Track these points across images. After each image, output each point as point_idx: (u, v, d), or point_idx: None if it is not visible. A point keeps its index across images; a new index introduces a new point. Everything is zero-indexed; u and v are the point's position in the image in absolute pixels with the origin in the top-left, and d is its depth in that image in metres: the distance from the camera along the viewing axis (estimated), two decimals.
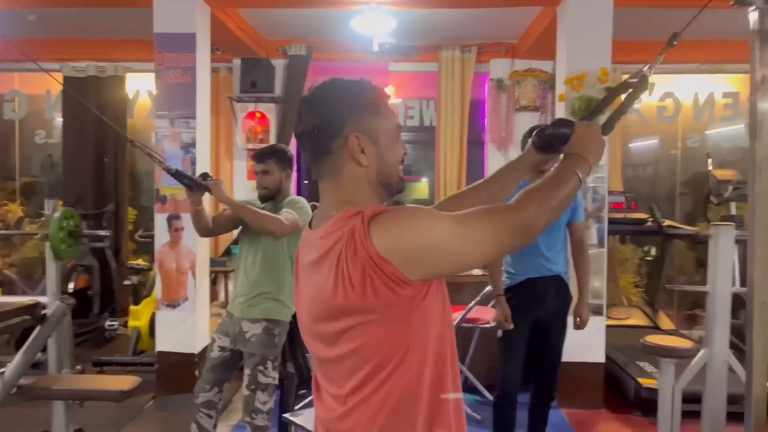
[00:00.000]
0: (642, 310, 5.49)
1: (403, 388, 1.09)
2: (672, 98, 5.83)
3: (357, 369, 1.11)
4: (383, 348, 1.09)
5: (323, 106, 1.16)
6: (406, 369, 1.09)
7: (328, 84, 1.20)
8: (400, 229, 1.05)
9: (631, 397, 3.94)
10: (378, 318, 1.07)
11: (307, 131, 1.17)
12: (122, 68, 5.86)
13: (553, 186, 1.18)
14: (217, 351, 2.72)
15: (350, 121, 1.15)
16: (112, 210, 5.72)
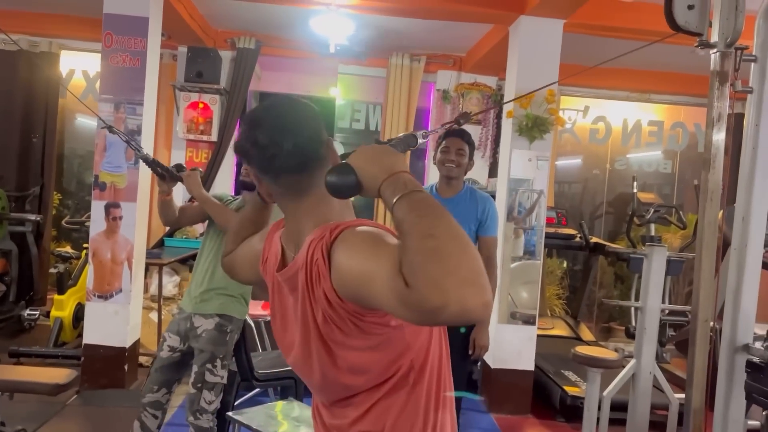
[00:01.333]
0: (565, 321, 5.76)
1: (411, 389, 1.12)
2: (603, 122, 6.16)
3: (361, 384, 1.13)
4: (385, 363, 1.11)
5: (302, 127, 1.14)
6: (412, 372, 1.12)
7: (296, 104, 1.19)
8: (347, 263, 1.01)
9: (556, 404, 4.13)
10: (374, 342, 1.09)
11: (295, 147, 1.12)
12: (57, 45, 5.57)
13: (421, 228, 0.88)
14: (167, 351, 2.64)
15: (322, 128, 1.18)
16: (36, 193, 5.42)
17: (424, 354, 1.14)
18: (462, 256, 0.85)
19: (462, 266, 0.84)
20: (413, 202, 0.93)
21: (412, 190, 0.94)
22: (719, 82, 1.82)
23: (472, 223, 2.85)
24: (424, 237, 0.87)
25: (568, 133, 6.16)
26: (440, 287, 0.82)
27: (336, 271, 1.03)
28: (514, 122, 4.10)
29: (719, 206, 1.82)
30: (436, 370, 1.17)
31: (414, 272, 0.85)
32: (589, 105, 6.12)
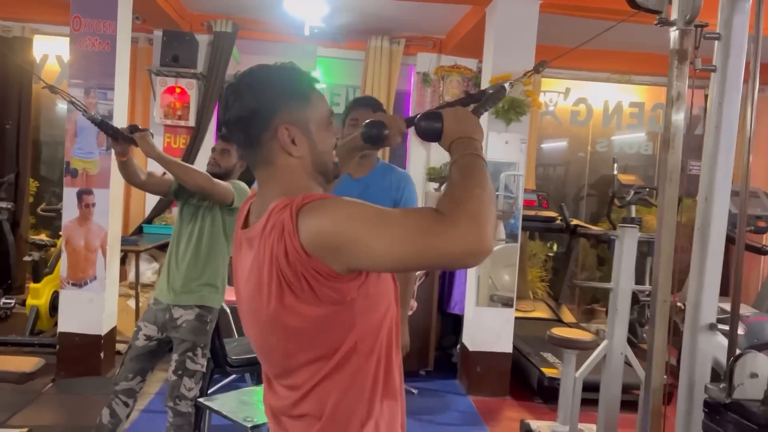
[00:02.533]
0: (546, 304, 5.79)
1: (354, 372, 1.11)
2: (585, 104, 6.14)
3: (307, 359, 1.12)
4: (332, 337, 1.10)
5: (251, 96, 1.13)
6: (357, 351, 1.11)
7: (256, 71, 1.16)
8: (322, 224, 1.03)
9: (534, 386, 4.16)
10: (321, 312, 1.08)
11: (234, 121, 1.14)
12: (30, 29, 5.47)
13: (473, 180, 1.07)
14: (143, 340, 2.62)
15: (280, 112, 1.12)
16: (11, 181, 5.35)
17: (371, 339, 1.13)
18: (492, 213, 1.05)
19: (491, 220, 1.04)
20: (475, 162, 1.12)
21: (479, 155, 1.14)
22: (678, 60, 1.80)
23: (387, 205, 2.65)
24: (475, 186, 1.05)
25: (550, 115, 6.14)
26: (482, 227, 1.00)
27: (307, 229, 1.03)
28: None
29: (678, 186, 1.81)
30: (384, 359, 1.15)
31: (459, 206, 1.02)
32: (570, 87, 6.10)
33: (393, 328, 1.19)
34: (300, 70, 1.18)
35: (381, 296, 1.15)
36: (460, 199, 1.03)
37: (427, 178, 5.64)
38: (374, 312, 1.13)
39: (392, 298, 1.20)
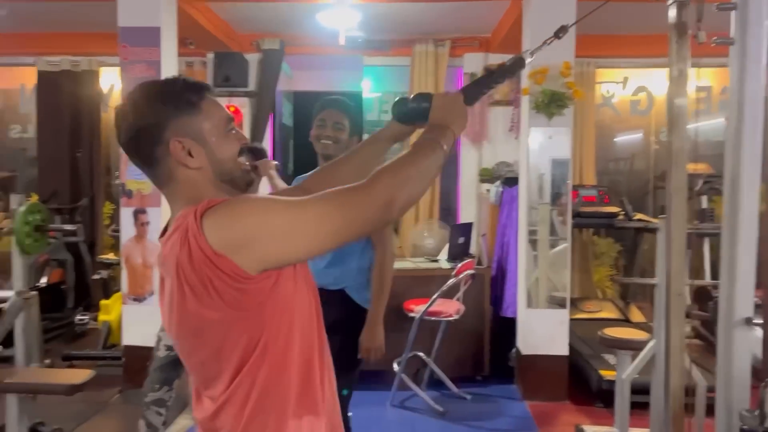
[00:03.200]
0: (614, 304, 5.53)
1: (266, 380, 1.09)
2: (645, 92, 5.84)
3: (221, 368, 1.10)
4: (240, 344, 1.08)
5: (135, 114, 1.11)
6: (267, 361, 1.08)
7: (138, 89, 1.15)
8: (230, 221, 1.02)
9: (593, 389, 3.97)
10: (228, 317, 1.06)
11: (125, 143, 1.13)
12: (96, 62, 5.84)
13: (412, 157, 1.13)
14: (164, 350, 2.73)
15: (168, 126, 1.10)
16: (86, 204, 5.72)
17: (282, 349, 1.10)
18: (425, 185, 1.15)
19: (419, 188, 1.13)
20: (429, 148, 1.16)
21: (439, 144, 1.17)
22: (678, 35, 1.68)
23: None
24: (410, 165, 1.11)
25: (607, 106, 5.88)
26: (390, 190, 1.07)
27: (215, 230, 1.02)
28: (531, 99, 3.95)
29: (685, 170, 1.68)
30: (301, 371, 1.12)
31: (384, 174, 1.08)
32: (628, 76, 5.82)
33: (313, 341, 1.15)
34: (187, 80, 1.15)
35: (293, 304, 1.11)
36: (390, 170, 1.09)
37: (479, 179, 5.54)
38: (285, 320, 1.10)
39: (310, 307, 1.16)
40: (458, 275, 3.85)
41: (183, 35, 4.97)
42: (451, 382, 4.13)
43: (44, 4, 4.65)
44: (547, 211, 4.07)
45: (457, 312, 3.95)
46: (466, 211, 5.63)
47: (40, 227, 4.15)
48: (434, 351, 4.15)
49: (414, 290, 4.17)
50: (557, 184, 4.06)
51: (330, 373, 1.19)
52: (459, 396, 4.06)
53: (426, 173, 1.13)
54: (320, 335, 1.18)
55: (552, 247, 4.12)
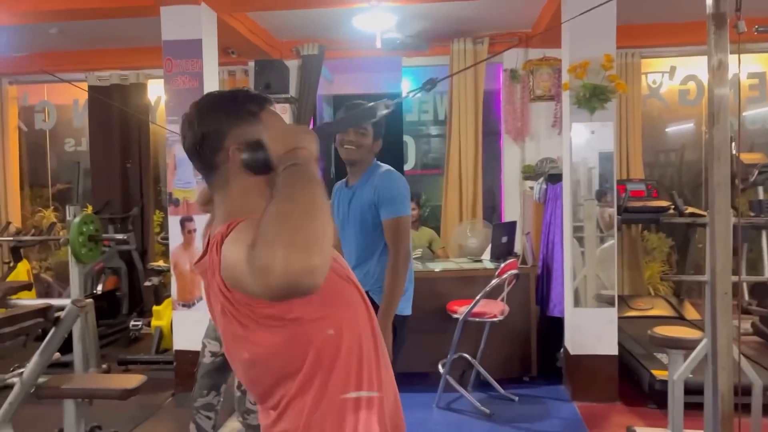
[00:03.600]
0: (667, 301, 5.36)
1: (320, 386, 1.11)
2: (694, 81, 5.65)
3: (272, 383, 1.13)
4: (289, 358, 1.10)
5: (201, 122, 1.16)
6: (320, 369, 1.11)
7: (203, 99, 1.20)
8: (227, 254, 1.03)
9: (645, 390, 3.86)
10: (270, 336, 1.08)
11: (189, 149, 1.18)
12: (144, 75, 6.03)
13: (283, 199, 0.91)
14: (209, 356, 2.78)
15: (230, 134, 1.14)
16: (136, 213, 5.91)
17: (333, 352, 1.12)
18: (305, 221, 0.87)
19: (301, 230, 0.86)
20: (291, 173, 0.98)
21: (295, 163, 0.99)
22: (716, 26, 1.62)
23: (370, 209, 2.40)
24: (280, 201, 0.91)
25: (654, 97, 5.72)
26: (272, 246, 0.85)
27: (222, 261, 1.05)
28: (571, 94, 3.87)
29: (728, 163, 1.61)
30: (354, 368, 1.13)
31: (258, 234, 0.89)
32: (675, 65, 5.64)
33: (367, 339, 1.17)
34: (250, 92, 1.20)
35: (336, 307, 1.13)
36: (261, 225, 0.90)
37: (522, 177, 5.46)
38: (331, 325, 1.11)
39: (356, 307, 1.18)
40: (501, 275, 3.80)
41: (225, 45, 5.09)
42: (498, 384, 4.08)
43: (91, 23, 4.82)
44: (592, 207, 3.98)
45: (501, 313, 3.90)
46: (510, 210, 5.57)
47: (93, 237, 4.31)
48: (480, 352, 4.11)
49: (458, 291, 4.15)
50: (602, 179, 3.97)
51: (388, 369, 1.20)
52: (506, 397, 4.01)
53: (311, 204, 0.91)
54: (373, 329, 1.19)
55: (599, 244, 4.03)
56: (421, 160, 6.06)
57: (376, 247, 2.41)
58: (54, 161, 6.56)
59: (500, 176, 5.72)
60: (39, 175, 6.57)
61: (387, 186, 2.39)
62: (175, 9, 4.10)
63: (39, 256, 6.50)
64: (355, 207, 2.47)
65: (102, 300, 5.55)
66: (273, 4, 4.42)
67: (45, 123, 6.43)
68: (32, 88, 6.33)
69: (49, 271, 6.49)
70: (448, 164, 5.51)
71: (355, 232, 2.47)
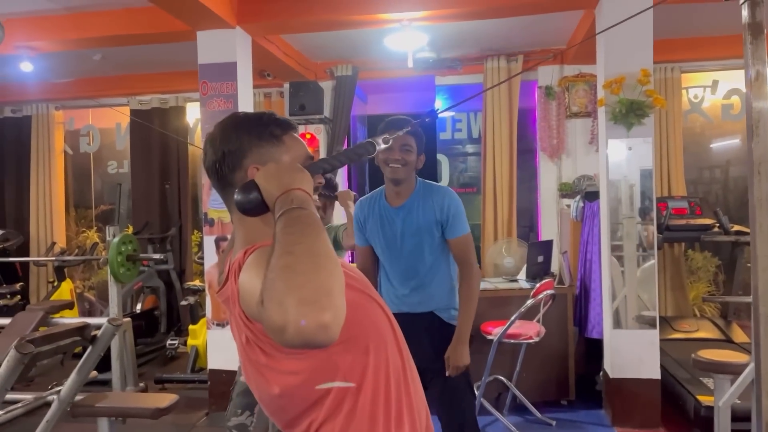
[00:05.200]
0: (713, 323, 5.15)
1: (348, 414, 1.08)
2: (738, 95, 5.48)
3: (299, 411, 1.11)
4: (314, 385, 1.08)
5: (223, 140, 1.16)
6: (346, 396, 1.08)
7: (228, 119, 1.21)
8: (244, 284, 1.03)
9: (690, 416, 3.69)
10: (295, 365, 1.07)
11: (209, 166, 1.18)
12: (183, 99, 6.17)
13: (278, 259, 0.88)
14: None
15: (250, 154, 1.14)
16: (174, 234, 6.01)
17: (359, 378, 1.09)
18: (311, 275, 0.85)
19: (308, 284, 0.84)
20: (289, 219, 0.95)
21: (292, 207, 0.96)
22: (752, 36, 1.55)
23: (433, 228, 2.38)
24: (283, 254, 0.88)
25: (696, 112, 5.56)
26: (282, 305, 0.83)
27: (240, 291, 1.04)
28: (607, 110, 3.79)
29: None
30: (383, 390, 1.11)
31: (265, 289, 0.86)
32: (717, 79, 5.48)
33: (395, 361, 1.14)
34: (274, 115, 1.20)
35: (362, 333, 1.10)
36: (266, 280, 0.87)
37: (559, 195, 5.36)
38: (356, 350, 1.09)
39: (380, 324, 1.15)
40: (536, 296, 3.71)
41: (260, 67, 5.17)
42: (534, 407, 3.97)
43: (132, 49, 4.97)
44: (632, 225, 3.87)
45: (537, 334, 3.81)
46: (547, 228, 5.46)
47: (131, 257, 4.40)
48: (515, 374, 4.01)
49: (492, 312, 4.06)
50: (641, 197, 3.86)
51: (419, 393, 1.17)
52: (543, 422, 3.90)
53: (315, 249, 0.88)
54: (399, 345, 1.16)
55: (639, 263, 3.91)
56: (457, 179, 6.02)
57: (439, 267, 2.42)
58: (98, 183, 6.75)
59: (537, 195, 5.63)
60: (83, 196, 6.77)
61: (455, 204, 2.39)
62: (210, 33, 4.19)
63: (83, 275, 6.66)
64: (411, 227, 2.39)
65: (141, 319, 5.64)
66: (306, 27, 4.47)
67: (89, 146, 6.64)
68: (78, 113, 6.55)
69: (91, 290, 6.64)
70: (485, 183, 5.45)
71: (413, 253, 2.41)
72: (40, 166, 6.35)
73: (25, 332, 3.65)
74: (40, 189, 6.36)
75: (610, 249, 3.89)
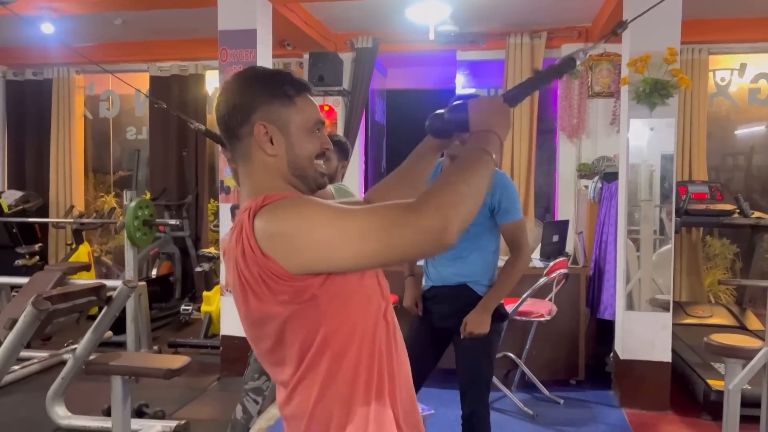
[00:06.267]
0: (728, 309, 5.10)
1: (329, 370, 1.10)
2: (766, 79, 5.35)
3: (284, 357, 1.13)
4: (300, 335, 1.10)
5: (235, 93, 1.17)
6: (329, 352, 1.10)
7: (244, 72, 1.21)
8: (277, 225, 1.04)
9: (700, 400, 3.68)
10: (284, 311, 1.08)
11: (219, 116, 1.19)
12: (202, 66, 6.16)
13: (460, 173, 1.07)
14: None
15: (260, 110, 1.15)
16: (191, 201, 6.05)
17: (344, 339, 1.11)
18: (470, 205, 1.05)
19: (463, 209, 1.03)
20: (479, 159, 1.10)
21: (487, 151, 1.11)
22: None
23: (482, 212, 2.39)
24: (460, 181, 1.05)
25: (722, 96, 5.44)
26: (443, 212, 1.01)
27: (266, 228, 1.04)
28: (630, 89, 3.72)
29: None
30: (366, 361, 1.12)
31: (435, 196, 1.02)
32: (745, 62, 5.35)
33: (381, 331, 1.15)
34: (290, 74, 1.20)
35: (353, 295, 1.11)
36: (440, 190, 1.03)
37: (577, 175, 5.30)
38: (345, 311, 1.10)
39: (375, 298, 1.15)
40: (549, 274, 3.70)
41: (280, 37, 5.14)
42: (543, 386, 3.97)
43: (153, 13, 4.95)
44: (650, 208, 3.82)
45: (548, 312, 3.80)
46: (564, 209, 5.42)
47: (147, 221, 4.44)
48: (525, 352, 4.01)
49: None
50: (661, 180, 3.80)
51: (403, 365, 1.19)
52: (551, 399, 3.91)
53: (477, 187, 1.07)
54: (388, 323, 1.17)
55: (656, 247, 3.87)
56: None
57: (476, 243, 2.45)
58: (117, 149, 6.79)
59: (555, 175, 5.57)
60: (102, 162, 6.82)
61: (508, 190, 2.43)
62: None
63: (100, 240, 6.74)
64: None
65: (156, 284, 5.71)
66: None
67: (109, 111, 6.67)
68: (98, 78, 6.56)
69: (108, 254, 6.73)
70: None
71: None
72: (60, 130, 6.40)
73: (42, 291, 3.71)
74: (60, 153, 6.41)
75: (627, 231, 3.86)
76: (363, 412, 1.11)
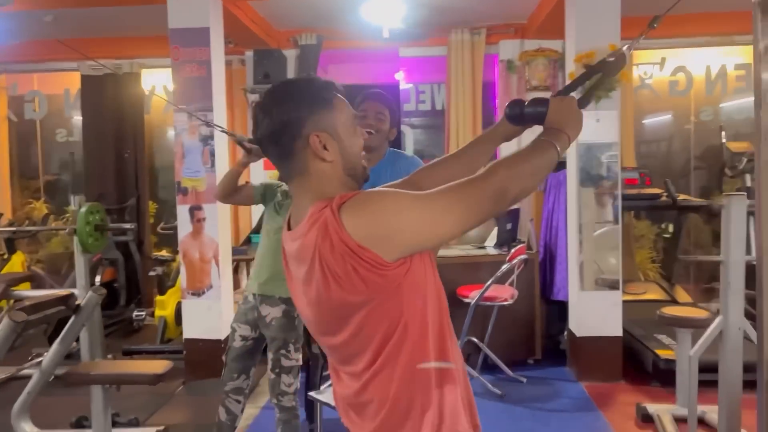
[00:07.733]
0: (659, 285, 5.53)
1: (408, 358, 1.16)
2: (684, 72, 5.81)
3: (363, 348, 1.18)
4: (382, 326, 1.15)
5: (278, 110, 1.19)
6: (408, 340, 1.15)
7: (279, 87, 1.23)
8: (371, 214, 1.10)
9: (649, 369, 4.00)
10: (371, 301, 1.13)
11: (267, 136, 1.20)
12: (138, 65, 5.96)
13: (526, 154, 1.22)
14: (240, 340, 2.79)
15: (308, 121, 1.18)
16: (133, 204, 5.85)
17: (420, 325, 1.17)
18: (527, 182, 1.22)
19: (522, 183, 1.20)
20: (548, 151, 1.25)
21: (554, 146, 1.26)
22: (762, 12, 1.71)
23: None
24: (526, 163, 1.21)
25: (646, 88, 5.87)
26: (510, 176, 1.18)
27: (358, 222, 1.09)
28: None
29: None
30: (437, 344, 1.19)
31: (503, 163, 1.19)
32: (665, 56, 5.79)
33: (442, 315, 1.22)
34: (320, 79, 1.25)
35: (423, 283, 1.18)
36: (508, 161, 1.20)
37: None
38: (419, 298, 1.17)
39: (437, 285, 1.23)
40: (512, 260, 3.90)
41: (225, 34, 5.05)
42: (506, 366, 4.18)
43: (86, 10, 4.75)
44: (598, 193, 4.10)
45: (511, 296, 4.00)
46: None
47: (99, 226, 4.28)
48: (487, 336, 4.20)
49: (463, 277, 4.23)
50: (607, 167, 4.08)
51: (456, 344, 1.27)
52: (514, 379, 4.12)
53: (538, 171, 1.23)
54: (444, 303, 1.25)
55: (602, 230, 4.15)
56: (418, 152, 6.11)
57: None
58: (44, 152, 6.44)
59: None
60: (28, 166, 6.44)
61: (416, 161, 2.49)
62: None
63: (28, 248, 6.38)
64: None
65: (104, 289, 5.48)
66: None
67: (35, 113, 6.31)
68: (22, 78, 6.20)
69: (39, 263, 6.38)
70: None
71: None
72: None
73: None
74: None
75: (578, 216, 4.12)
76: (439, 393, 1.18)
